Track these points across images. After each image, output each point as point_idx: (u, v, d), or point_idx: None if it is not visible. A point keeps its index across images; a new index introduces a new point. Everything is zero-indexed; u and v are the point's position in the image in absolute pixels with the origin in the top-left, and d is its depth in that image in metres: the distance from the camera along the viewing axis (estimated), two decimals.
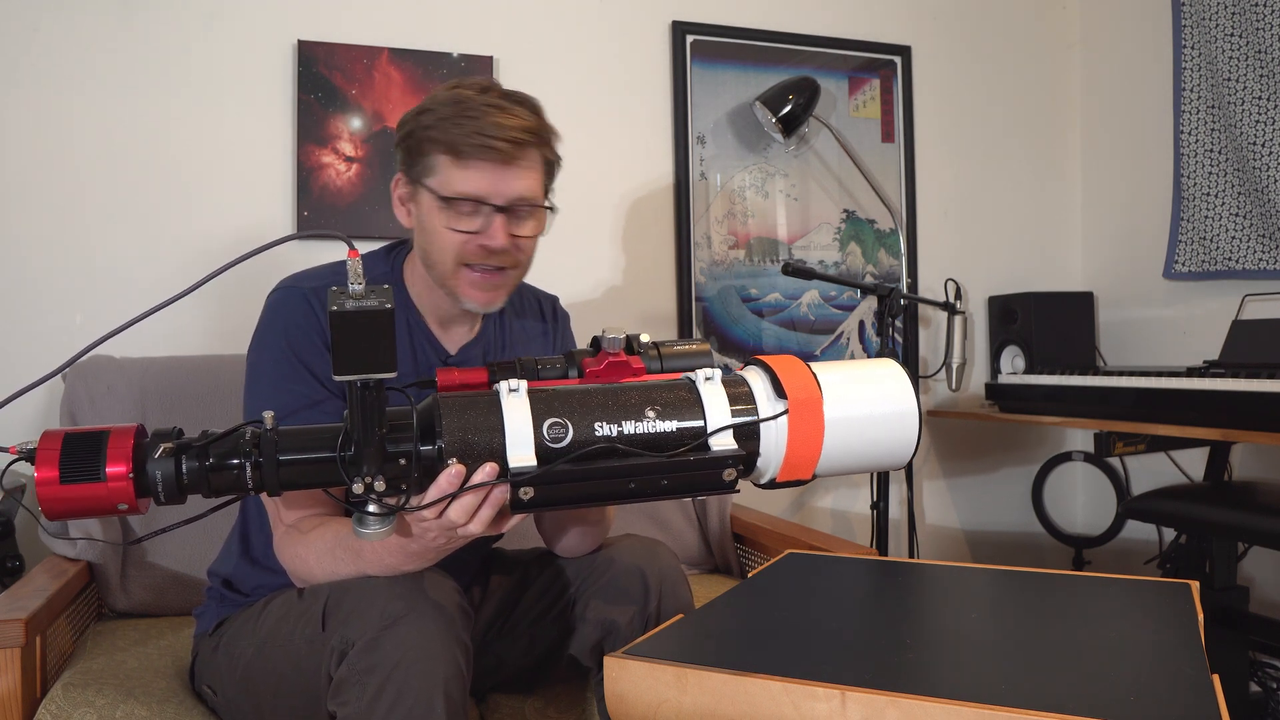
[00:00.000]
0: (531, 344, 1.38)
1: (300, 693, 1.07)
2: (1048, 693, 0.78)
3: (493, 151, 1.13)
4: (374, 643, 0.98)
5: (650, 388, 0.90)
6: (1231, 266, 2.28)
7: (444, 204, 1.15)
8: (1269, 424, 1.73)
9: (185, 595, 1.62)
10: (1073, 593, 1.09)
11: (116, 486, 0.76)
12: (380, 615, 0.99)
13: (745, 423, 0.90)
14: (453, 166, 1.15)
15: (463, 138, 1.13)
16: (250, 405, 1.17)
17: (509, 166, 1.15)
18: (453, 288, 1.20)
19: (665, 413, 0.88)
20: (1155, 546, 2.42)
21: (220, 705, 1.20)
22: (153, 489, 0.79)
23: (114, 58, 1.93)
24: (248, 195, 2.01)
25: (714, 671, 0.84)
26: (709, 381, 0.91)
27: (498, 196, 1.15)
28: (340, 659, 1.00)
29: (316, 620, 1.06)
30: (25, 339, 1.86)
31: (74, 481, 0.74)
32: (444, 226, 1.16)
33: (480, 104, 1.14)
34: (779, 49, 2.42)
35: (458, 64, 2.13)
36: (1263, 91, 2.17)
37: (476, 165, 1.14)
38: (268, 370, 1.16)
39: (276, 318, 1.19)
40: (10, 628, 1.18)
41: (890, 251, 2.53)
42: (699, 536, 1.98)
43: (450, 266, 1.18)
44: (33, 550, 1.74)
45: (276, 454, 0.82)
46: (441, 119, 1.14)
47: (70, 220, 1.90)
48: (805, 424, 0.90)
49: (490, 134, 1.12)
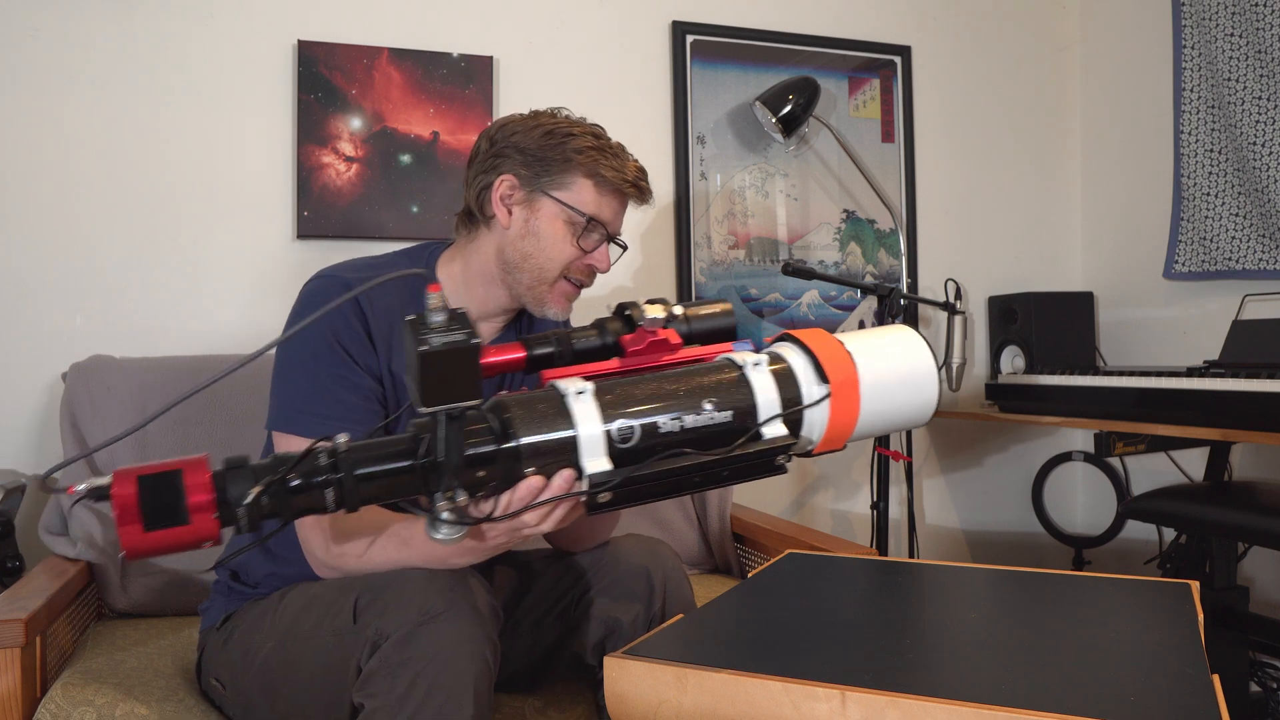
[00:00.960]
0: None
1: (323, 685, 1.07)
2: (1048, 693, 0.78)
3: (632, 192, 1.28)
4: (410, 636, 0.98)
5: (702, 376, 0.91)
6: (1231, 266, 2.28)
7: (577, 219, 1.25)
8: (1269, 424, 1.73)
9: (185, 595, 1.62)
10: (1073, 593, 1.09)
11: (201, 526, 0.74)
12: (418, 610, 1.00)
13: (794, 411, 0.93)
14: (594, 192, 1.25)
15: (610, 171, 1.25)
16: (284, 389, 1.18)
17: (627, 206, 1.31)
18: (542, 295, 1.27)
19: (721, 404, 0.90)
20: (1155, 546, 2.42)
21: (229, 699, 1.20)
22: (236, 521, 0.77)
23: (113, 58, 1.93)
24: (248, 195, 2.01)
25: (714, 671, 0.84)
26: (757, 368, 0.92)
27: (615, 228, 1.30)
28: (373, 651, 1.01)
29: (347, 614, 1.06)
30: (25, 340, 1.86)
31: (158, 528, 0.72)
32: (567, 240, 1.25)
33: (617, 147, 1.29)
34: (779, 49, 2.42)
35: (458, 64, 2.13)
36: (1263, 91, 2.17)
37: (615, 198, 1.27)
38: (308, 353, 1.17)
39: (318, 303, 1.20)
40: (10, 628, 1.18)
41: (890, 251, 2.53)
42: (699, 536, 1.98)
43: (553, 276, 1.26)
44: (33, 550, 1.74)
45: (354, 470, 0.81)
46: (589, 148, 1.25)
47: (70, 221, 1.90)
48: (843, 401, 0.94)
49: (634, 178, 1.28)
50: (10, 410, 1.86)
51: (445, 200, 2.11)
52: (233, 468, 0.77)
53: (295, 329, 1.00)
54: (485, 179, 1.27)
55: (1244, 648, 2.00)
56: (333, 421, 1.13)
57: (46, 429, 1.85)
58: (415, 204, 2.10)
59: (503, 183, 1.26)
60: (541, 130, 1.25)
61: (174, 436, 1.68)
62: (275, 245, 2.02)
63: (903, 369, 0.97)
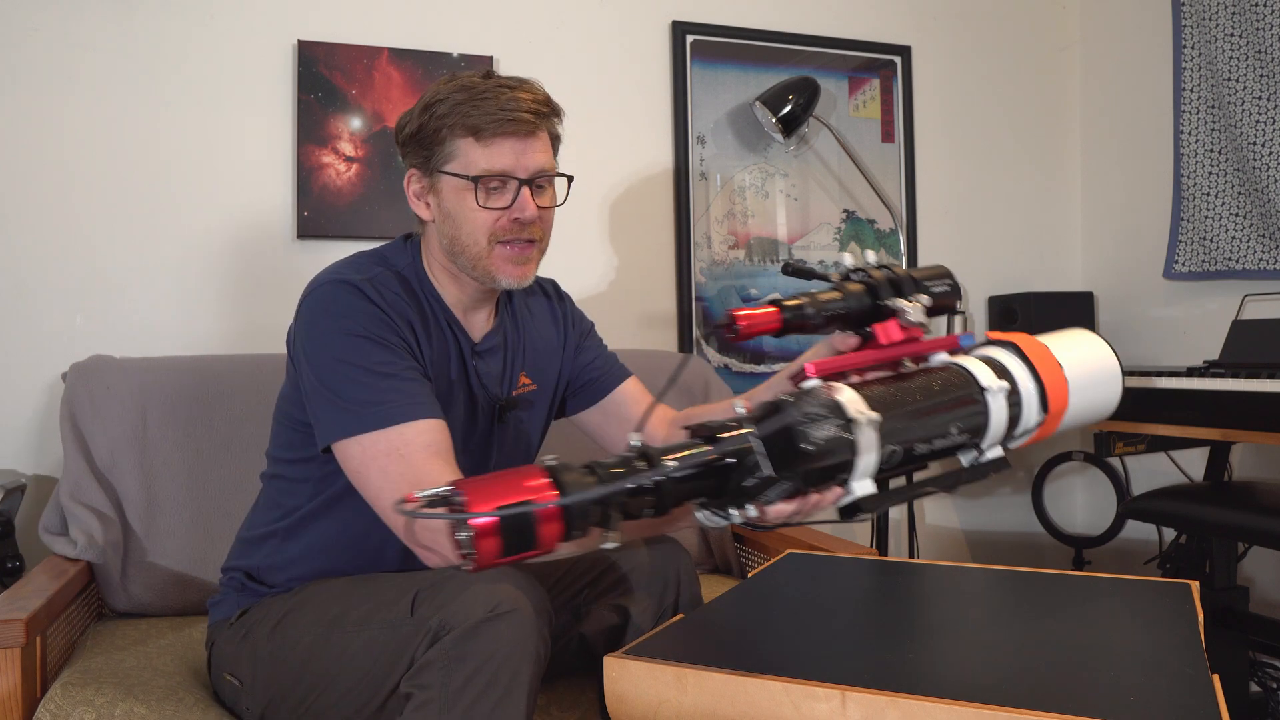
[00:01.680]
0: (543, 325, 1.40)
1: (365, 674, 1.06)
2: (1048, 693, 0.78)
3: (515, 125, 1.17)
4: (474, 631, 0.97)
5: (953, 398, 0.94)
6: (1231, 266, 2.28)
7: (470, 184, 1.18)
8: (1269, 424, 1.73)
9: (185, 595, 1.62)
10: (1073, 593, 1.09)
11: (547, 546, 0.77)
12: (484, 606, 0.98)
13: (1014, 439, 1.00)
14: (476, 147, 1.18)
15: (483, 117, 1.16)
16: (334, 397, 1.12)
17: (530, 139, 1.20)
18: (486, 268, 1.21)
19: (963, 429, 0.94)
20: (1155, 546, 2.42)
21: (246, 692, 1.18)
22: (575, 536, 0.80)
23: (113, 58, 1.93)
24: (248, 195, 2.01)
25: (714, 671, 0.84)
26: (996, 396, 0.95)
27: (522, 170, 1.19)
28: (432, 642, 0.99)
29: (404, 606, 1.05)
30: (25, 340, 1.86)
31: (513, 555, 0.75)
32: (474, 207, 1.19)
33: (491, 86, 1.18)
34: (779, 49, 2.42)
35: (458, 64, 2.13)
36: (1263, 91, 2.17)
37: (500, 142, 1.18)
38: (346, 357, 1.13)
39: (339, 306, 1.16)
40: (10, 628, 1.18)
41: (890, 251, 2.53)
42: (699, 536, 1.98)
43: (484, 246, 1.20)
44: (33, 550, 1.74)
45: (672, 475, 0.82)
46: (456, 105, 1.17)
47: (70, 221, 1.90)
48: (1048, 426, 1.00)
49: (510, 109, 1.17)
50: (10, 410, 1.86)
51: None
52: (569, 484, 0.78)
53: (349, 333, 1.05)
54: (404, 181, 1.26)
55: (1244, 648, 2.00)
56: (398, 408, 1.10)
57: (46, 429, 1.85)
58: None
59: (410, 180, 1.25)
60: (419, 108, 1.21)
61: (174, 436, 1.68)
62: (275, 245, 2.02)
63: (1098, 403, 1.03)
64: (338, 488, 1.21)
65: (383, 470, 1.09)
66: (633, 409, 1.42)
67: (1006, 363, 0.98)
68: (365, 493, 1.12)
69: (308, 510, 1.25)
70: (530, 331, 1.37)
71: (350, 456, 1.12)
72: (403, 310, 1.19)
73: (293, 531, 1.26)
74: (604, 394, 1.43)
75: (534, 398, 1.36)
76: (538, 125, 1.20)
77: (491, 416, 1.30)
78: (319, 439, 1.15)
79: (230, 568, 1.31)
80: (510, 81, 1.20)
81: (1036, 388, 0.97)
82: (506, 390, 1.32)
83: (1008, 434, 0.97)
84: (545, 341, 1.39)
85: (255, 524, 1.31)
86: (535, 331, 1.38)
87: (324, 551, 1.24)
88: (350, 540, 1.24)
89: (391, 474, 1.08)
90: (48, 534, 1.60)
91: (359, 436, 1.10)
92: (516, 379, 1.34)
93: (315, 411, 1.15)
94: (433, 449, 1.10)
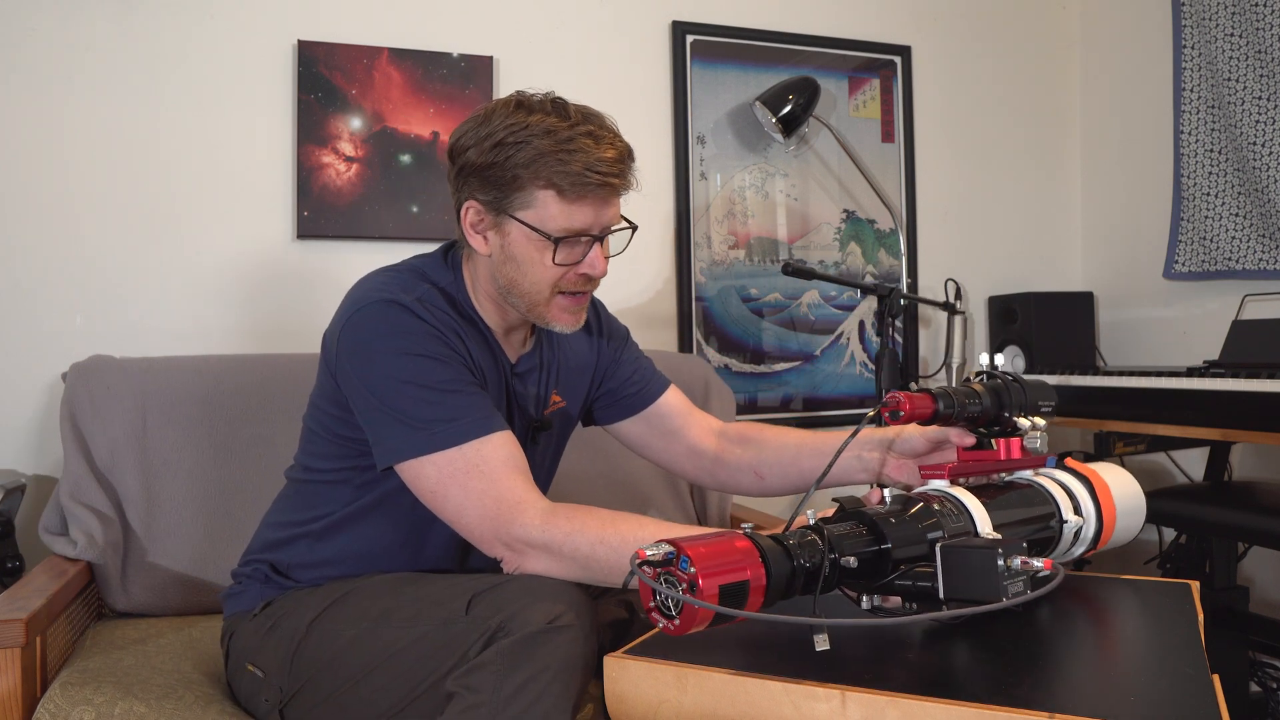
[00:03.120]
0: (578, 341, 1.38)
1: (409, 670, 1.04)
2: (1048, 693, 0.78)
3: (604, 189, 1.15)
4: (533, 639, 0.96)
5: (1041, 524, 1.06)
6: (1231, 266, 2.28)
7: (548, 242, 1.15)
8: (1269, 424, 1.73)
9: (186, 595, 1.62)
10: (1073, 593, 1.09)
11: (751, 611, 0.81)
12: (545, 615, 0.97)
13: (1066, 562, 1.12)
14: (559, 203, 1.14)
15: (571, 176, 1.12)
16: (400, 417, 1.10)
17: (613, 197, 1.18)
18: (542, 314, 1.20)
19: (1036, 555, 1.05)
20: (1155, 546, 2.42)
21: (266, 684, 1.16)
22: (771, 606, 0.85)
23: (113, 58, 1.93)
24: (247, 195, 2.01)
25: (714, 671, 0.84)
26: (1070, 527, 1.07)
27: (598, 227, 1.18)
28: (488, 643, 0.98)
29: (459, 605, 1.03)
30: (25, 340, 1.86)
31: (721, 623, 0.80)
32: (546, 263, 1.16)
33: (579, 136, 1.13)
34: (779, 49, 2.42)
35: (458, 64, 2.13)
36: (1263, 91, 2.17)
37: (586, 202, 1.15)
38: (407, 378, 1.11)
39: (390, 326, 1.13)
40: (10, 628, 1.17)
41: (890, 251, 2.53)
42: None
43: (546, 296, 1.19)
44: (33, 550, 1.74)
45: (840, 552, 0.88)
46: (540, 154, 1.12)
47: (69, 222, 1.90)
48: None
49: (599, 170, 1.13)
50: (10, 410, 1.86)
51: (445, 200, 2.10)
52: (771, 555, 0.83)
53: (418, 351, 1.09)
54: (456, 202, 1.21)
55: (1244, 648, 2.00)
56: (473, 423, 1.10)
57: (46, 429, 1.85)
58: (415, 204, 2.10)
59: (469, 210, 1.19)
60: (491, 143, 1.14)
61: (174, 436, 1.68)
62: (275, 245, 2.02)
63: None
64: (372, 497, 1.21)
65: (464, 488, 1.08)
66: (676, 420, 1.42)
67: (1081, 499, 1.10)
68: (444, 511, 1.11)
69: (341, 515, 1.24)
70: (565, 350, 1.36)
71: (424, 476, 1.10)
72: (453, 327, 1.17)
73: (325, 534, 1.25)
74: (645, 405, 1.42)
75: (563, 414, 1.36)
76: (622, 183, 1.18)
77: (526, 437, 1.29)
78: (382, 459, 1.13)
79: (254, 559, 1.29)
80: (595, 128, 1.15)
81: (1096, 528, 1.10)
82: (539, 410, 1.31)
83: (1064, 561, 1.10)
84: (579, 358, 1.38)
85: (283, 523, 1.29)
86: (569, 349, 1.37)
87: (359, 557, 1.23)
88: (384, 549, 1.23)
89: (474, 490, 1.08)
90: (48, 534, 1.60)
91: (432, 455, 1.09)
92: (548, 399, 1.33)
93: (378, 433, 1.13)
94: (511, 463, 1.10)
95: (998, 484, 1.08)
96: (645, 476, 1.96)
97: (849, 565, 0.86)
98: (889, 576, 0.91)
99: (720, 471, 1.41)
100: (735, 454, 1.40)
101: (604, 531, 1.07)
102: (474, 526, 1.09)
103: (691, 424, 1.43)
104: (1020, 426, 1.07)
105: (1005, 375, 1.09)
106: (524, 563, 1.09)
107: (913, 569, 0.91)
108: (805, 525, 0.90)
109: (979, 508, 0.97)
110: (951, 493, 0.99)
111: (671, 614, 0.79)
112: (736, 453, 1.39)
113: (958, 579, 0.87)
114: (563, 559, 1.07)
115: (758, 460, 1.38)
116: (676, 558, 0.79)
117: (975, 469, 1.07)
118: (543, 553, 1.07)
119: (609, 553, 1.05)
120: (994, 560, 0.84)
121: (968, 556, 0.86)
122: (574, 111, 1.17)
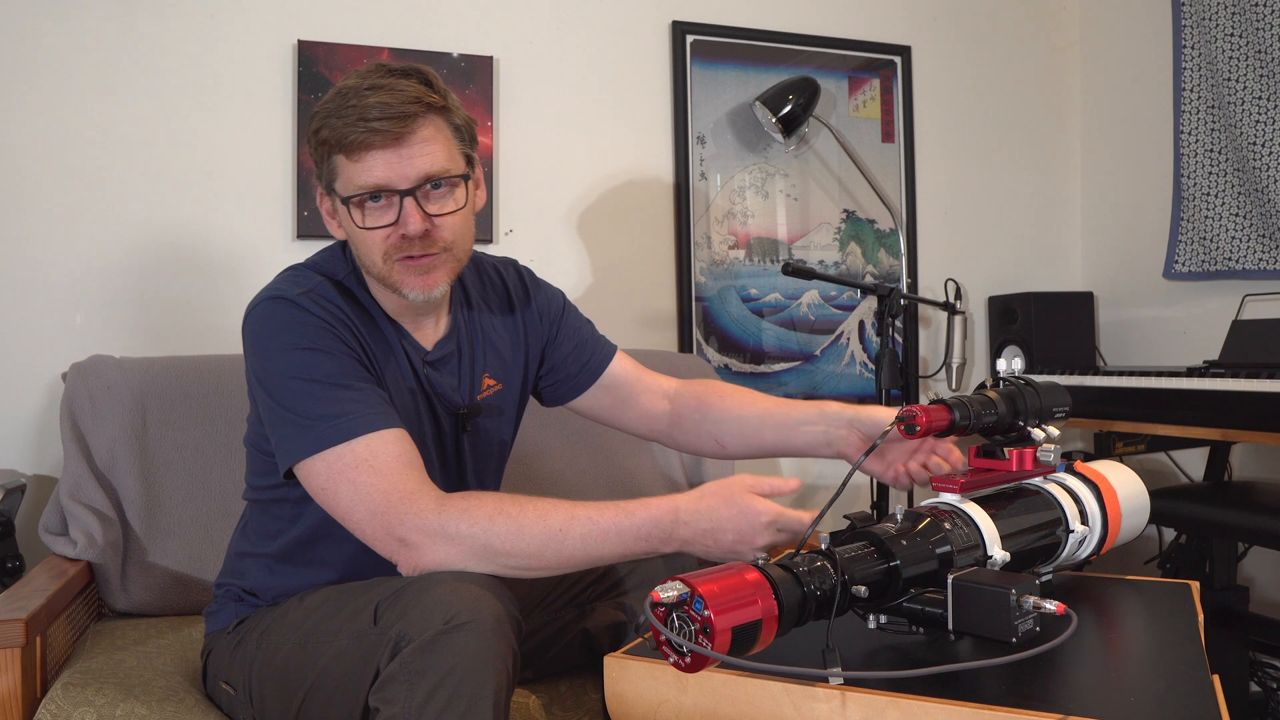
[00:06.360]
0: (504, 321, 1.33)
1: (341, 687, 1.03)
2: (1047, 693, 0.78)
3: (380, 134, 1.06)
4: (431, 644, 0.93)
5: (1047, 532, 1.07)
6: (1231, 266, 2.28)
7: (346, 205, 1.11)
8: (1269, 424, 1.73)
9: (186, 595, 1.62)
10: (1073, 592, 1.09)
11: (764, 646, 0.83)
12: (442, 616, 0.94)
13: (1065, 566, 1.15)
14: (347, 164, 1.08)
15: (348, 129, 1.06)
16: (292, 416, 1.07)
17: (403, 146, 1.08)
18: (393, 283, 1.14)
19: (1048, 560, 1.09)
20: (1155, 546, 2.42)
21: (240, 702, 1.16)
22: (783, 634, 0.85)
23: (114, 58, 1.93)
24: (248, 195, 2.01)
25: (714, 671, 0.84)
26: (1076, 536, 1.09)
27: (402, 180, 1.08)
28: (393, 654, 0.95)
29: (368, 615, 1.01)
30: (25, 340, 1.86)
31: (737, 656, 0.81)
32: (361, 227, 1.11)
33: (361, 88, 1.07)
34: (779, 49, 2.42)
35: (458, 64, 2.13)
36: (1263, 91, 2.17)
37: (368, 154, 1.07)
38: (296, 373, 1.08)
39: (277, 322, 1.12)
40: (10, 628, 1.17)
41: (890, 251, 2.53)
42: None
43: (381, 265, 1.13)
44: (33, 550, 1.74)
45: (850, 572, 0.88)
46: (328, 116, 1.08)
47: (70, 221, 1.90)
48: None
49: (373, 116, 1.05)
50: (10, 410, 1.86)
51: None
52: (782, 586, 0.83)
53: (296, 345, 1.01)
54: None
55: (1244, 648, 2.00)
56: (361, 419, 1.06)
57: (46, 429, 1.85)
58: None
59: (321, 201, 1.18)
60: (311, 128, 1.12)
61: (174, 436, 1.68)
62: (275, 245, 2.02)
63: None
64: (315, 508, 1.15)
65: (353, 483, 1.04)
66: (625, 389, 1.39)
67: (1089, 507, 1.11)
68: (336, 509, 1.07)
69: (296, 535, 1.21)
70: (489, 331, 1.31)
71: (315, 474, 1.06)
72: (345, 319, 1.14)
73: (285, 555, 1.23)
74: (594, 380, 1.39)
75: (501, 399, 1.31)
76: (411, 127, 1.07)
77: (456, 427, 1.25)
78: (280, 463, 1.09)
79: (224, 582, 1.28)
80: (383, 79, 1.07)
81: (1101, 534, 1.11)
82: (468, 398, 1.26)
83: (1063, 566, 1.13)
84: (504, 336, 1.33)
85: (244, 551, 1.27)
86: (492, 329, 1.32)
87: (322, 567, 1.21)
88: (346, 559, 1.20)
89: (364, 486, 1.04)
90: (48, 534, 1.60)
91: (322, 453, 1.05)
92: (479, 384, 1.28)
93: (276, 436, 1.10)
94: (404, 459, 1.06)
95: (1007, 492, 1.09)
96: (645, 476, 1.96)
97: (859, 595, 0.86)
98: (899, 599, 0.91)
99: (678, 435, 1.39)
100: (694, 420, 1.37)
101: (502, 503, 1.04)
102: (365, 523, 1.05)
103: (642, 389, 1.40)
104: (1035, 438, 1.09)
105: (1019, 380, 1.09)
106: (422, 556, 1.04)
107: (923, 593, 0.91)
108: (817, 549, 0.89)
109: (988, 523, 0.97)
110: (961, 507, 0.99)
111: (684, 652, 0.79)
112: (695, 419, 1.37)
113: (968, 613, 0.86)
114: (461, 540, 1.02)
115: (718, 430, 1.36)
116: (691, 597, 0.78)
117: (987, 481, 1.08)
118: (440, 539, 1.03)
119: (508, 523, 1.02)
120: (1007, 600, 0.83)
121: (981, 594, 0.86)
122: (375, 69, 1.10)
